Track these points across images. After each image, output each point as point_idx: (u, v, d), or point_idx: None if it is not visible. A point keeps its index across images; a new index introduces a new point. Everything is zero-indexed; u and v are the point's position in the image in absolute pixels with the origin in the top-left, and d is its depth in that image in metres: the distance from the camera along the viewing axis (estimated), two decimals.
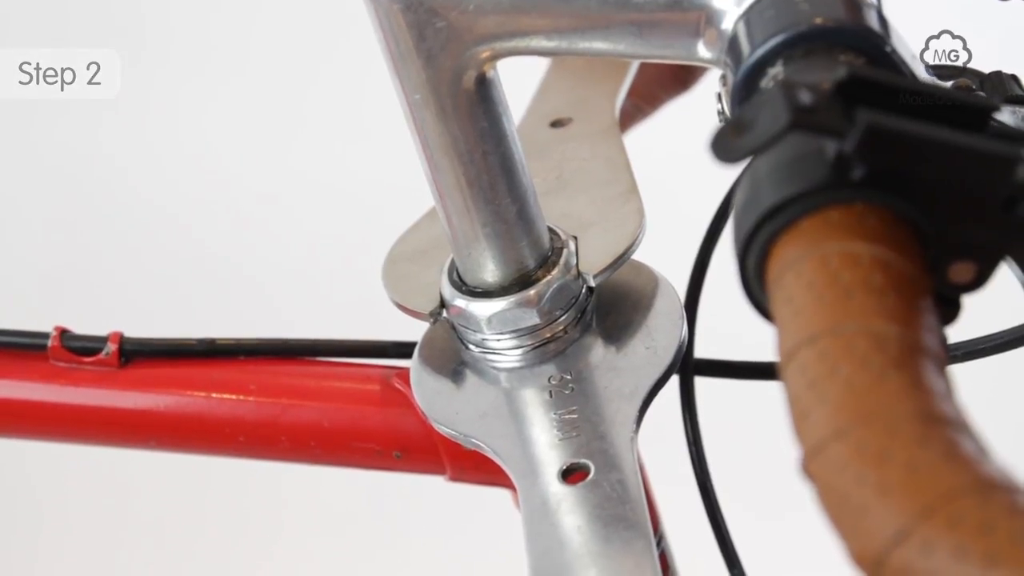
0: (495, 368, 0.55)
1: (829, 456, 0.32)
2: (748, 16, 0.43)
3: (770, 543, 1.05)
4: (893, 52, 0.42)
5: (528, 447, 0.51)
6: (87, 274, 1.65)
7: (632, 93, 0.70)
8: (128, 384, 0.62)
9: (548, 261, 0.54)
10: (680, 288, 0.58)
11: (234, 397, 0.61)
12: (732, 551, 0.58)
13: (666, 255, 0.60)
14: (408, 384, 0.57)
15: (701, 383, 0.60)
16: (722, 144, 0.37)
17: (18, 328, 0.63)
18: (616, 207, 0.58)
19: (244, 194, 1.68)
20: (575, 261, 0.55)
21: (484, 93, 0.50)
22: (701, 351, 0.60)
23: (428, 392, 0.56)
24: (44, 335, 0.62)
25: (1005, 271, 0.43)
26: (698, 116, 0.66)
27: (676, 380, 0.58)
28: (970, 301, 0.39)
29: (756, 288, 0.38)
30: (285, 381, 0.61)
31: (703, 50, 0.46)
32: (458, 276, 0.55)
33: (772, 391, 0.49)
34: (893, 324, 0.34)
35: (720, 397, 0.70)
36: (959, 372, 0.38)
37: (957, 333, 0.41)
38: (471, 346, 0.56)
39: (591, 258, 0.55)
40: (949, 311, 0.38)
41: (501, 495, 0.61)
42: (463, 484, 0.61)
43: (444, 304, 0.55)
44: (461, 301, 0.54)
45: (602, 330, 0.55)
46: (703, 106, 0.61)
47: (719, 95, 0.49)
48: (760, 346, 0.55)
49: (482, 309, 0.54)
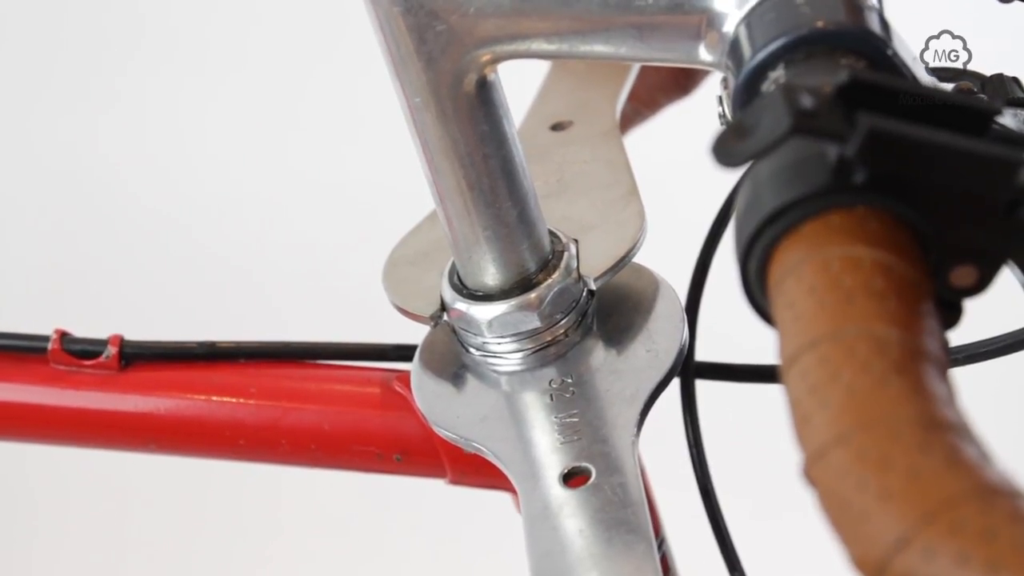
0: (496, 372, 0.55)
1: (830, 461, 0.32)
2: (749, 19, 0.43)
3: (771, 546, 1.05)
4: (894, 55, 0.41)
5: (529, 451, 0.51)
6: (87, 277, 1.65)
7: (632, 97, 0.70)
8: (128, 387, 0.62)
9: (549, 264, 0.54)
10: (681, 291, 0.58)
11: (234, 400, 0.61)
12: (733, 554, 0.58)
13: (667, 258, 0.60)
14: (409, 387, 0.57)
15: (702, 386, 0.60)
16: (723, 148, 0.37)
17: (18, 331, 0.63)
18: (617, 210, 0.58)
19: (245, 197, 1.68)
20: (576, 264, 0.55)
21: (485, 96, 0.50)
22: (702, 354, 0.60)
23: (429, 395, 0.56)
24: (44, 338, 0.62)
25: (1007, 275, 0.43)
26: (699, 119, 0.66)
27: (677, 383, 0.58)
28: (971, 304, 0.39)
29: (757, 292, 0.38)
30: (285, 384, 0.61)
31: (704, 53, 0.46)
32: (459, 279, 0.55)
33: (773, 394, 0.49)
34: (894, 328, 0.34)
35: (721, 400, 0.70)
36: (960, 376, 0.38)
37: (958, 337, 0.41)
38: (472, 349, 0.55)
39: (592, 261, 0.55)
40: (951, 315, 0.38)
41: (501, 499, 0.61)
42: (464, 487, 0.61)
43: (445, 307, 0.55)
44: (462, 304, 0.54)
45: (603, 333, 0.55)
46: (704, 109, 0.61)
47: (720, 98, 0.49)
48: (761, 350, 0.55)
49: (483, 312, 0.54)
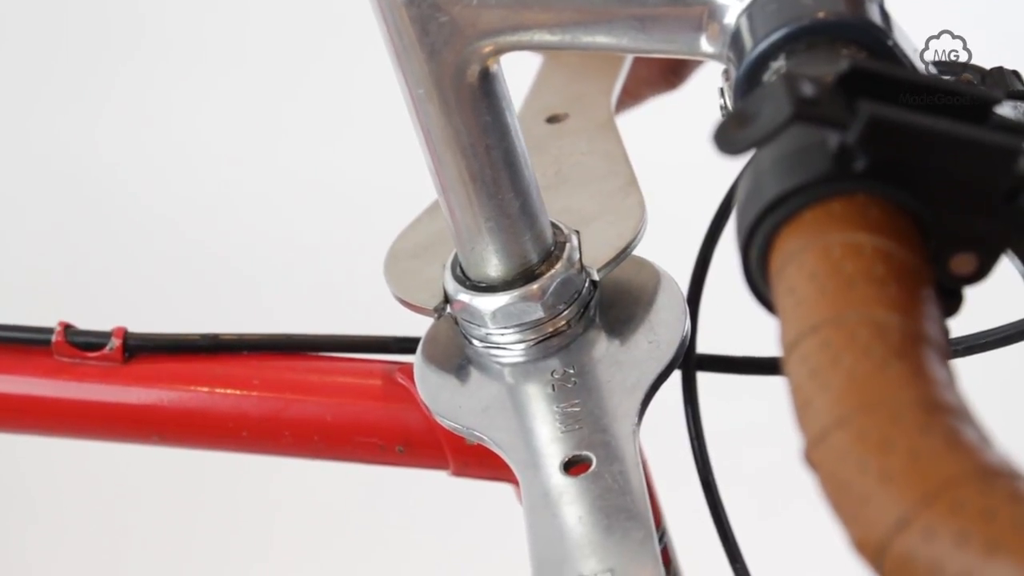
0: (499, 363, 0.55)
1: (831, 444, 0.33)
2: (750, 10, 0.44)
3: (772, 538, 1.05)
4: (895, 46, 0.42)
5: (530, 439, 0.51)
6: (91, 270, 1.66)
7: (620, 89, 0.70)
8: (132, 379, 0.62)
9: (551, 255, 0.54)
10: (682, 285, 0.58)
11: (237, 392, 0.61)
12: (734, 546, 0.58)
13: (668, 253, 0.60)
14: (411, 379, 0.57)
15: (703, 378, 0.60)
16: (725, 136, 0.37)
17: (22, 323, 0.63)
18: (617, 201, 0.58)
19: (246, 192, 1.69)
20: (579, 255, 0.55)
21: (487, 87, 0.50)
22: (702, 347, 0.60)
23: (432, 386, 0.56)
24: (48, 330, 0.62)
25: (1007, 265, 0.44)
26: (700, 113, 0.66)
27: (678, 376, 0.58)
28: (970, 296, 0.39)
29: (759, 280, 0.39)
30: (288, 376, 0.61)
31: (706, 44, 0.46)
32: (461, 271, 0.56)
33: (774, 386, 0.49)
34: (895, 313, 0.34)
35: (721, 393, 0.70)
36: (960, 367, 0.38)
37: (958, 328, 0.41)
38: (475, 341, 0.56)
39: (594, 252, 0.56)
40: (951, 303, 0.38)
41: (503, 491, 0.61)
42: (466, 479, 0.61)
43: (448, 299, 0.56)
44: (465, 295, 0.55)
45: (605, 325, 0.55)
46: (705, 104, 0.61)
47: (721, 90, 0.49)
48: (762, 342, 0.55)
49: (486, 303, 0.54)
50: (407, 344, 0.61)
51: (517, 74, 0.64)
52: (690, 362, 0.59)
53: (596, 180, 0.60)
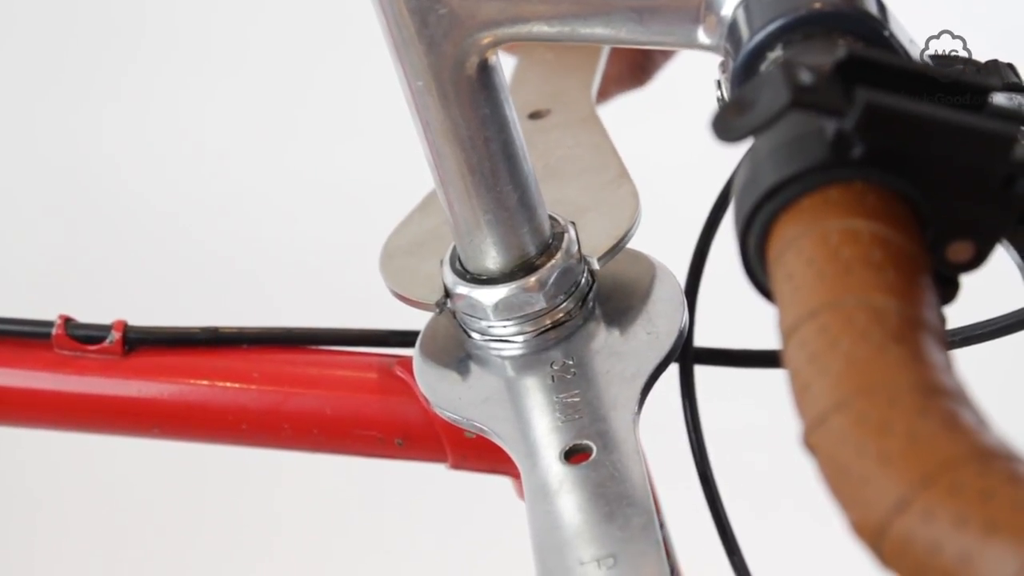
0: (499, 356, 0.55)
1: (830, 428, 0.33)
2: (747, 2, 0.44)
3: (770, 532, 1.06)
4: (891, 36, 0.42)
5: (530, 429, 0.52)
6: (91, 264, 1.66)
7: None
8: (132, 372, 0.62)
9: (550, 247, 0.55)
10: (680, 276, 0.58)
11: (237, 385, 0.61)
12: (732, 538, 0.59)
13: (665, 244, 0.61)
14: (410, 372, 0.58)
15: (700, 371, 0.60)
16: (723, 123, 0.37)
17: (22, 317, 0.63)
18: (610, 191, 0.58)
19: (247, 188, 1.69)
20: (577, 246, 0.55)
21: (486, 79, 0.50)
22: (700, 340, 0.60)
23: (431, 379, 0.56)
24: (48, 323, 0.62)
25: (1004, 257, 0.44)
26: (696, 109, 0.67)
27: (676, 371, 0.59)
28: (967, 286, 0.39)
29: (757, 268, 0.39)
30: (287, 369, 0.62)
31: (703, 36, 0.46)
32: (460, 264, 0.56)
33: (773, 379, 0.49)
34: (892, 298, 0.34)
35: (719, 386, 0.70)
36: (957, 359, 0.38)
37: (954, 319, 0.42)
38: (474, 334, 0.56)
39: (592, 242, 0.56)
40: (948, 290, 0.39)
41: (503, 488, 0.61)
42: (464, 472, 0.61)
43: (448, 293, 0.56)
44: (464, 288, 0.55)
45: (604, 317, 0.55)
46: (702, 100, 0.61)
47: (719, 82, 0.50)
48: (759, 335, 0.55)
49: (486, 296, 0.54)
50: (406, 338, 0.61)
51: None
52: (688, 355, 0.59)
53: (586, 172, 0.60)
